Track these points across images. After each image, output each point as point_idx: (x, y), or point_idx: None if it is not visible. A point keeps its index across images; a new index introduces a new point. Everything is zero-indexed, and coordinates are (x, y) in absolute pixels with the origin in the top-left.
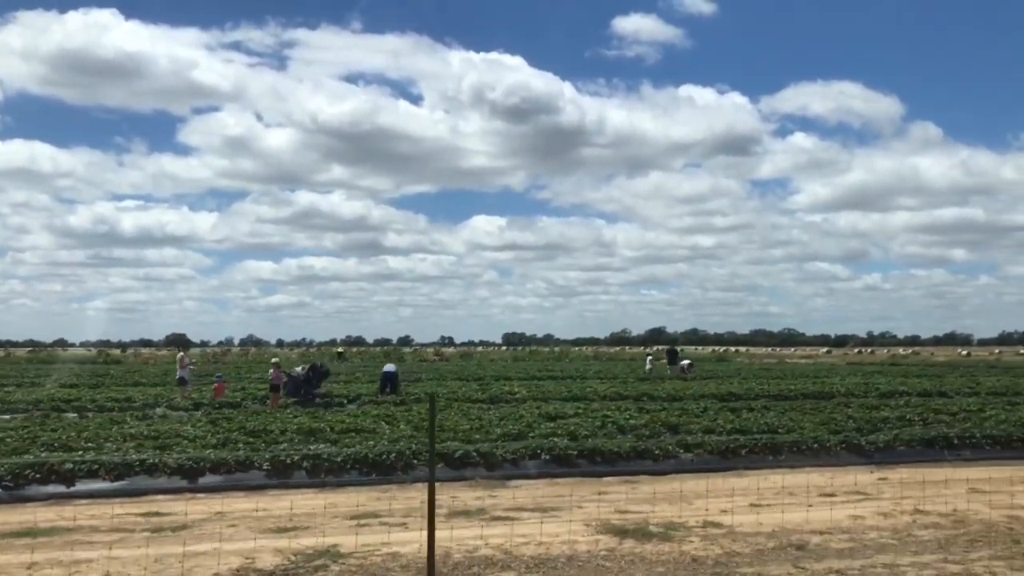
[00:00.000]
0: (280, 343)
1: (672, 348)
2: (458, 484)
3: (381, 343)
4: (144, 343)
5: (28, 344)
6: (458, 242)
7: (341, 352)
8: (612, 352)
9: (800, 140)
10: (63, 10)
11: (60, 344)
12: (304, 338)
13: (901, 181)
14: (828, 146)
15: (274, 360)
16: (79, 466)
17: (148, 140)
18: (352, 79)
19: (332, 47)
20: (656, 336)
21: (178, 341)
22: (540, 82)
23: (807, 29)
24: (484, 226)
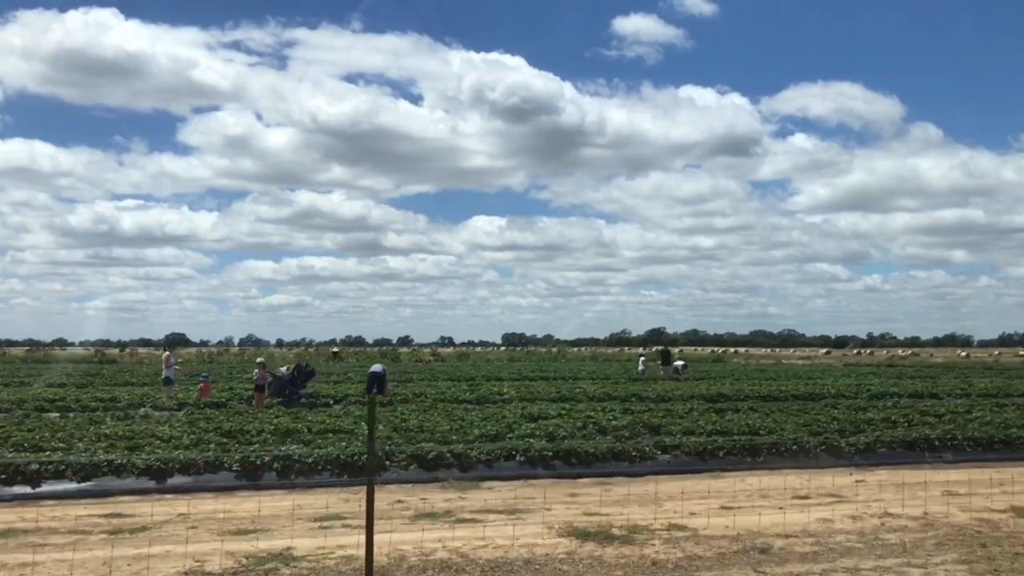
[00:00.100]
0: (280, 343)
1: (665, 349)
2: (431, 485)
3: (381, 343)
4: (144, 343)
5: (27, 343)
6: (458, 242)
7: (337, 352)
8: (609, 353)
9: (800, 141)
10: (63, 9)
11: (59, 343)
12: (304, 338)
13: (901, 182)
14: (828, 147)
15: (259, 360)
16: (45, 467)
17: (148, 139)
18: (352, 79)
19: (332, 47)
20: (656, 337)
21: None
22: (540, 82)
23: (807, 30)
24: (484, 226)
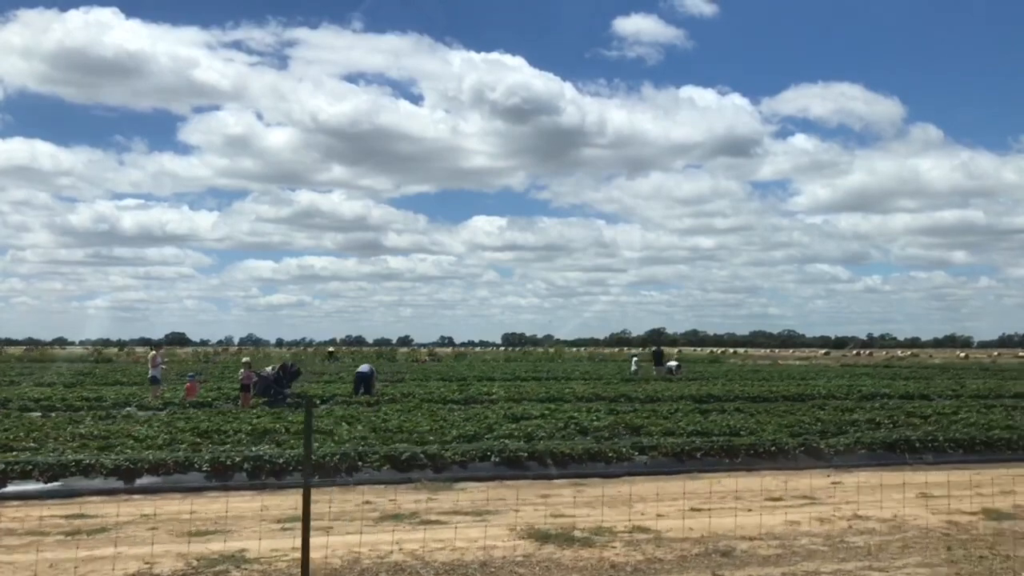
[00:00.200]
0: (280, 342)
1: (658, 349)
2: (403, 487)
3: (381, 343)
4: (144, 342)
5: (27, 342)
6: (458, 242)
7: (332, 351)
8: (606, 353)
9: (801, 142)
10: (64, 8)
11: (60, 343)
12: (304, 337)
13: (902, 183)
14: (829, 148)
15: (244, 360)
16: (12, 467)
17: (148, 139)
18: (353, 79)
19: (333, 46)
20: (656, 337)
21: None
22: (541, 82)
23: (808, 31)
24: (484, 226)
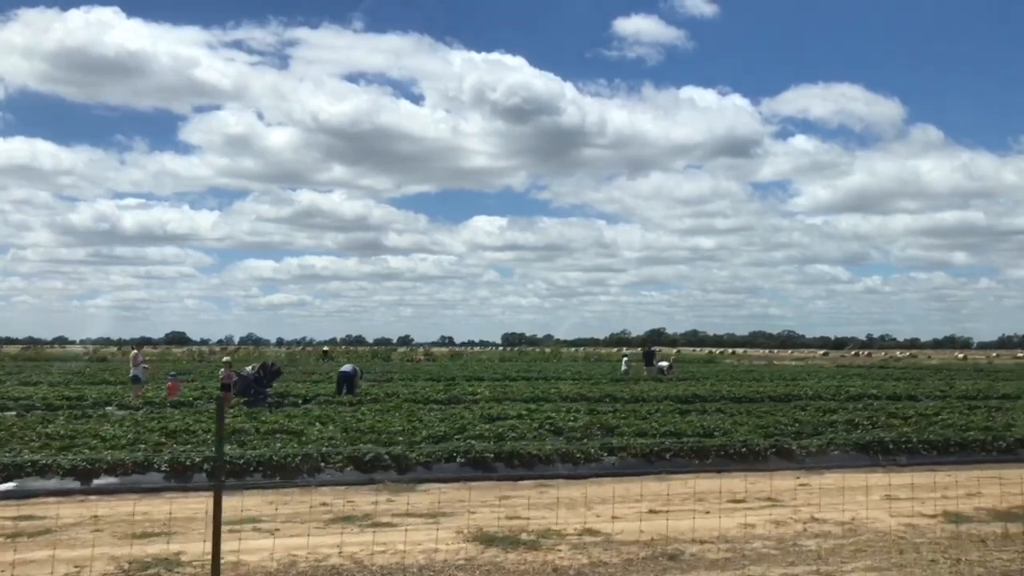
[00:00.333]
0: (280, 342)
1: (649, 349)
2: (365, 488)
3: (381, 342)
4: (144, 341)
5: (28, 341)
6: (459, 242)
7: (327, 351)
8: (603, 353)
9: (801, 142)
10: (64, 8)
11: (60, 342)
12: (304, 336)
13: (902, 184)
14: (829, 148)
15: (225, 359)
16: None
17: (149, 138)
18: (353, 78)
19: (333, 46)
20: (656, 337)
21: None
22: (541, 82)
23: (808, 31)
24: (485, 226)
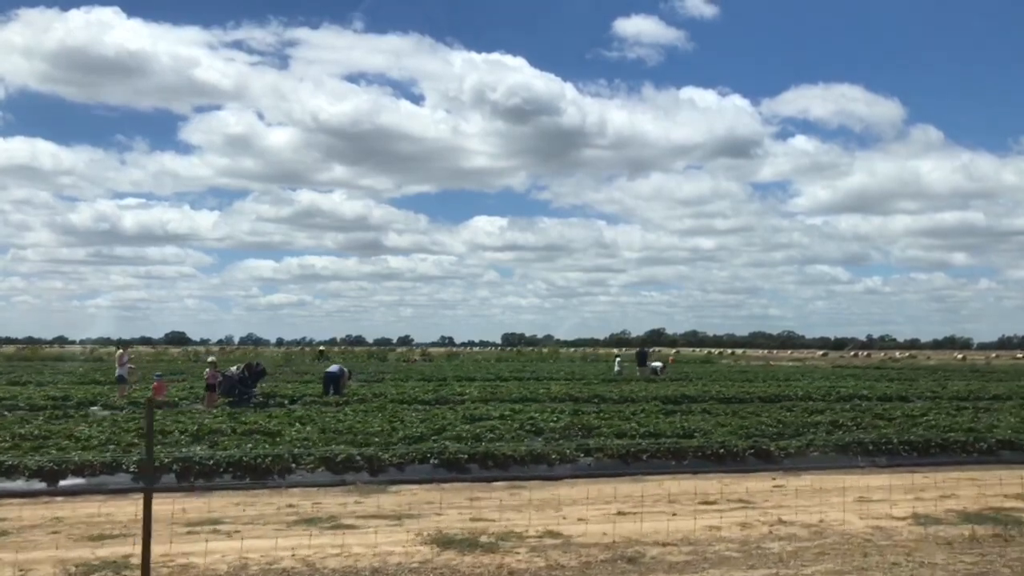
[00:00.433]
0: (280, 342)
1: (642, 350)
2: (336, 489)
3: (381, 343)
4: (144, 341)
5: (27, 341)
6: (459, 242)
7: (323, 351)
8: (600, 353)
9: (801, 143)
10: (65, 8)
11: (60, 341)
12: (304, 337)
13: (902, 184)
14: (829, 149)
15: (210, 359)
16: None
17: (149, 138)
18: (353, 79)
19: (334, 46)
20: (656, 338)
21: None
22: (541, 83)
23: (808, 32)
24: (485, 226)
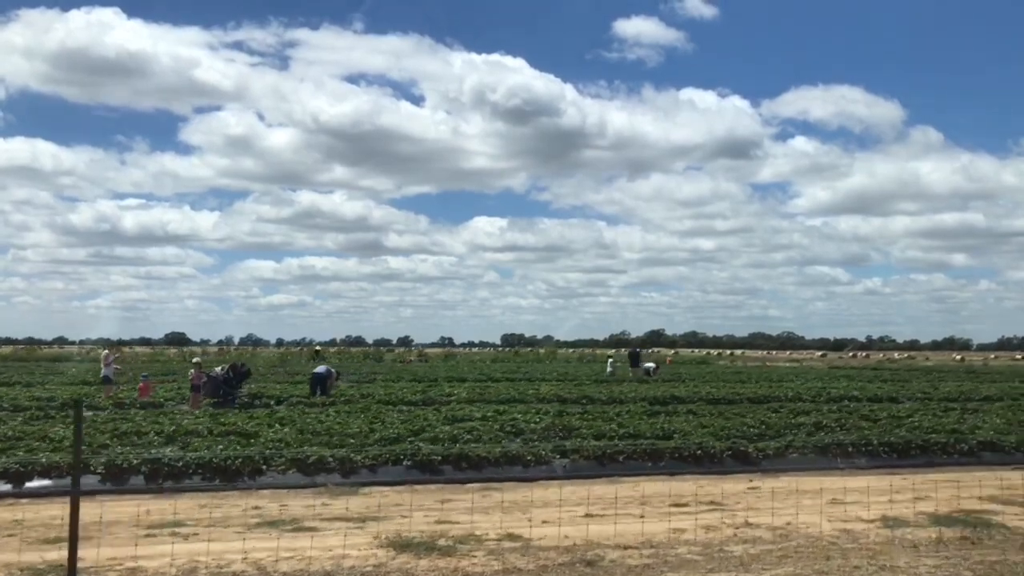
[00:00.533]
0: (280, 342)
1: (634, 350)
2: (306, 491)
3: (381, 343)
4: (144, 342)
5: (27, 342)
6: (459, 243)
7: (318, 351)
8: (598, 354)
9: (801, 144)
10: (65, 8)
11: (60, 342)
12: (304, 337)
13: (902, 185)
14: (829, 150)
15: (195, 360)
16: None
17: (150, 139)
18: (354, 79)
19: (334, 47)
20: (655, 338)
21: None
22: (541, 84)
23: (808, 33)
24: (485, 227)
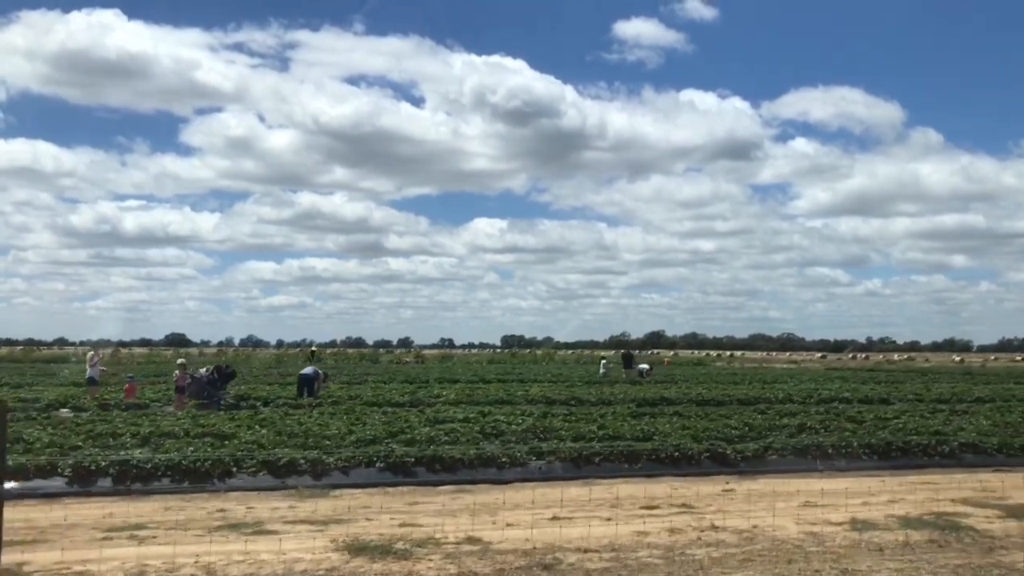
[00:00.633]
0: (280, 343)
1: (627, 352)
2: (276, 494)
3: (381, 344)
4: (144, 343)
5: (27, 343)
6: (459, 244)
7: (314, 351)
8: (595, 355)
9: (801, 145)
10: (66, 10)
11: (60, 343)
12: (304, 338)
13: (902, 187)
14: (829, 151)
15: (179, 361)
16: None
17: (150, 140)
18: (354, 81)
19: (334, 49)
20: (656, 340)
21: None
22: (542, 85)
23: (808, 35)
24: (485, 228)
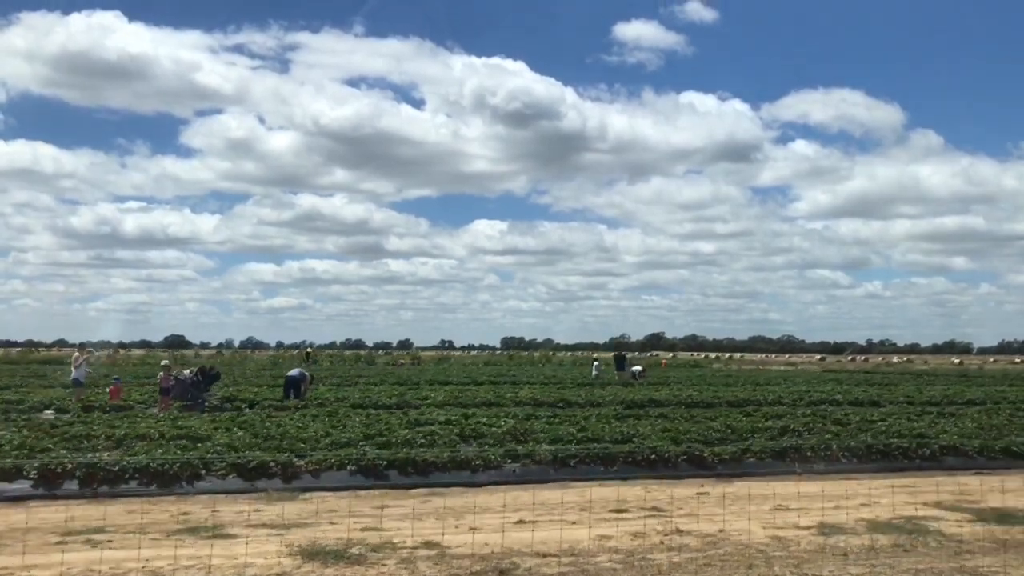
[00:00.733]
0: (280, 345)
1: (620, 354)
2: (244, 496)
3: (381, 346)
4: (144, 344)
5: (27, 344)
6: (459, 246)
7: (309, 353)
8: (594, 357)
9: (801, 147)
10: (66, 12)
11: (60, 344)
12: (304, 340)
13: (902, 189)
14: (829, 153)
15: (164, 363)
16: None
17: (150, 142)
18: (354, 83)
19: (334, 50)
20: (655, 341)
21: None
22: (542, 87)
23: (808, 37)
24: (485, 230)
